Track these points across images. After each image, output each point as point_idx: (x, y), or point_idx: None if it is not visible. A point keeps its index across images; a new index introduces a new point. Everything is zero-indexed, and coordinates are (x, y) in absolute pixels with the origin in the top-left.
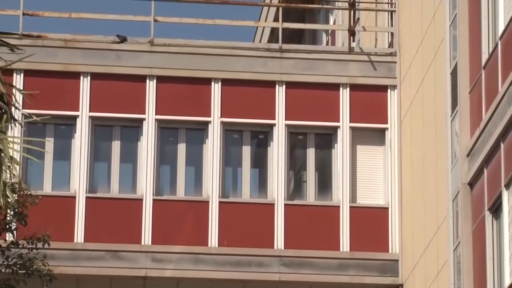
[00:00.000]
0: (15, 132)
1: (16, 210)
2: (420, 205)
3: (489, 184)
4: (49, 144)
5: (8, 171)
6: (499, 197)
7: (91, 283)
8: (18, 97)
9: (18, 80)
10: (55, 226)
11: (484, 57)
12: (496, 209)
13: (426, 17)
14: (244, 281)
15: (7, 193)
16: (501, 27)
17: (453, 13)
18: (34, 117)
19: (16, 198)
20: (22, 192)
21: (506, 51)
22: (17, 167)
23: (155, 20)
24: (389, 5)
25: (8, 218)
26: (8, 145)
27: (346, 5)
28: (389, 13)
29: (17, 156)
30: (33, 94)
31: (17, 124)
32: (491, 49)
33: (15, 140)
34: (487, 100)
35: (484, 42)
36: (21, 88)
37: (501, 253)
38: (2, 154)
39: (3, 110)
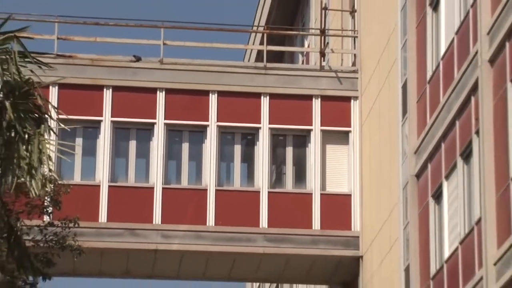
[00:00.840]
0: (52, 135)
1: (52, 197)
2: (377, 192)
3: (432, 176)
4: (78, 143)
5: (46, 166)
6: (440, 187)
7: (112, 256)
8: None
9: (53, 92)
10: (83, 209)
11: (429, 74)
12: (437, 196)
13: (382, 42)
14: (235, 253)
15: (46, 183)
16: (442, 50)
17: (403, 38)
18: (62, 125)
19: (52, 187)
20: (56, 183)
21: (446, 69)
22: (52, 164)
23: (164, 44)
24: (353, 31)
25: (45, 204)
26: (46, 145)
27: (317, 31)
28: (353, 38)
29: (53, 155)
30: (62, 111)
31: (55, 133)
32: (434, 68)
33: (51, 142)
34: (431, 108)
35: (428, 62)
36: (56, 97)
37: (441, 232)
38: (42, 153)
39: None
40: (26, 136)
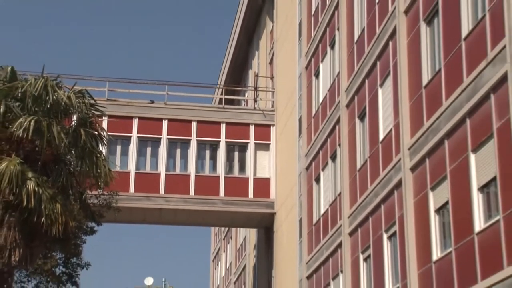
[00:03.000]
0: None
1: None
2: (284, 177)
3: (315, 169)
4: (119, 149)
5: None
6: (319, 175)
7: (136, 211)
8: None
9: (105, 121)
10: (121, 185)
11: (314, 111)
12: (317, 180)
13: (288, 95)
14: (204, 211)
15: (107, 177)
16: (321, 98)
17: (299, 93)
18: (111, 137)
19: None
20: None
21: (323, 111)
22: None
23: (167, 94)
24: (272, 88)
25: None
26: (102, 157)
27: (252, 88)
28: (272, 92)
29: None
30: (109, 131)
31: (105, 144)
32: (314, 113)
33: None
34: (315, 130)
35: (314, 105)
36: (106, 124)
37: (319, 200)
38: (103, 161)
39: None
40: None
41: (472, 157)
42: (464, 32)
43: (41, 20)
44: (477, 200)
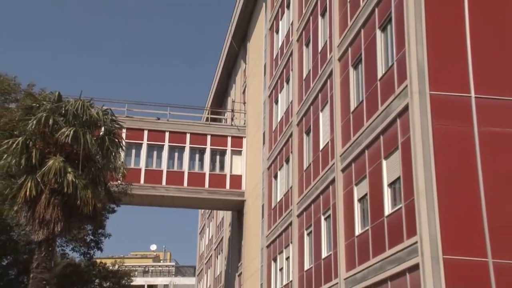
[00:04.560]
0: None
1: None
2: (252, 174)
3: (274, 169)
4: (132, 152)
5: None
6: (276, 174)
7: (145, 197)
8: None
9: (124, 132)
10: (134, 177)
11: (274, 125)
12: (275, 177)
13: (256, 115)
14: (194, 198)
15: (123, 172)
16: (279, 118)
17: (264, 115)
18: (126, 144)
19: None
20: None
21: (283, 126)
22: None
23: (169, 113)
24: (244, 110)
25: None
26: (121, 157)
27: (230, 110)
28: (244, 113)
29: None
30: (127, 140)
31: (123, 148)
32: (274, 128)
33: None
34: (274, 141)
35: (274, 119)
36: (125, 133)
37: (276, 191)
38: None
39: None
40: (113, 153)
41: (384, 163)
42: (379, 74)
43: (83, 50)
44: (387, 193)
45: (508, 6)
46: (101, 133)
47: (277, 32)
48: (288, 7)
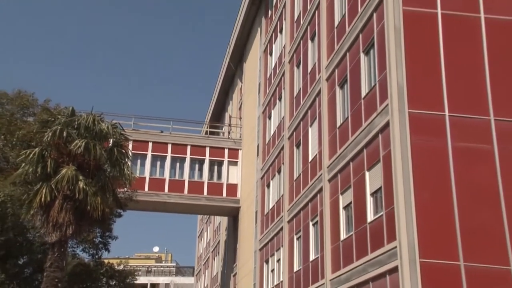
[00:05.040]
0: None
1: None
2: (247, 183)
3: (266, 180)
4: (138, 163)
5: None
6: (269, 183)
7: (149, 203)
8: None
9: (131, 143)
10: (139, 185)
11: (267, 138)
12: (268, 186)
13: (251, 129)
14: (194, 204)
15: (130, 180)
16: (272, 132)
17: (257, 129)
18: (132, 154)
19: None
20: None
21: (275, 140)
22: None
23: (172, 127)
24: (240, 125)
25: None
26: (128, 166)
27: (228, 124)
28: (240, 127)
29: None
30: (133, 151)
31: (130, 159)
32: (267, 142)
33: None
34: (267, 153)
35: (267, 132)
36: (131, 145)
37: (269, 198)
38: (127, 170)
39: (127, 155)
40: (123, 163)
41: (367, 174)
42: (363, 93)
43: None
44: (369, 201)
45: (478, 34)
46: (109, 145)
47: (271, 54)
48: (281, 31)
